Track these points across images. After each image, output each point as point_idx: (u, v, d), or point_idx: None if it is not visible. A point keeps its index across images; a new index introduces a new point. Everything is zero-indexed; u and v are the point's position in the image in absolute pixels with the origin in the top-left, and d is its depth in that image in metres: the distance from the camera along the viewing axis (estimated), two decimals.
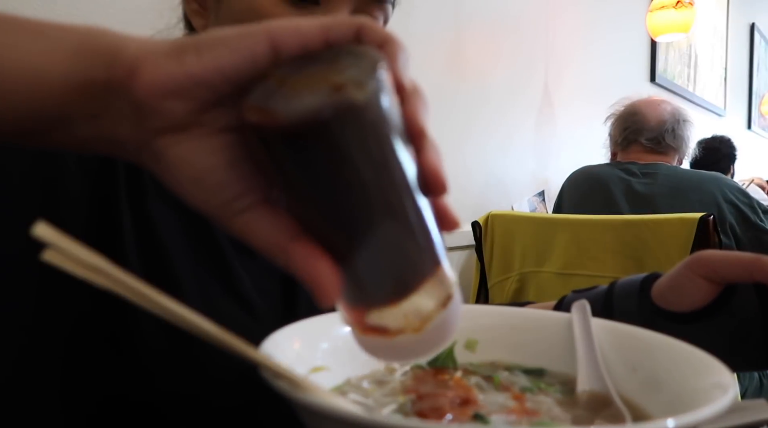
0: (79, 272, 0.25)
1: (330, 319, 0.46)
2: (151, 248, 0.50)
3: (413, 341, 0.31)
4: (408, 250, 0.29)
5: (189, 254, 0.52)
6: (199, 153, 0.28)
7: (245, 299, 0.55)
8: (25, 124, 0.28)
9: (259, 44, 0.27)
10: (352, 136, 0.26)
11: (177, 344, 0.48)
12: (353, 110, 0.25)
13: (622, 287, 0.57)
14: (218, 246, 0.55)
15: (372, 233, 0.28)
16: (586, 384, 0.43)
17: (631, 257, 1.44)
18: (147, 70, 0.27)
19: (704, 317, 0.51)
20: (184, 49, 0.27)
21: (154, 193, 0.51)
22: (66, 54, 0.27)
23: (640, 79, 3.42)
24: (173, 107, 0.27)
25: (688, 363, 0.40)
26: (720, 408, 0.30)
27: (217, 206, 0.29)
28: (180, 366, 0.49)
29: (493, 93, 2.06)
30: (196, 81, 0.27)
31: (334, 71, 0.27)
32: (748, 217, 1.65)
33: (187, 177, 0.29)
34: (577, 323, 0.48)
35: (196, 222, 0.54)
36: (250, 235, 0.29)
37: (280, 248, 0.28)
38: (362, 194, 0.27)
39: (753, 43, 5.57)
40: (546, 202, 2.30)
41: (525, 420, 0.37)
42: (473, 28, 1.94)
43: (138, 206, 0.50)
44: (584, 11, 2.70)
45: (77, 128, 0.28)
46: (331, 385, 0.42)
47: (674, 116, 1.84)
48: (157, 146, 0.28)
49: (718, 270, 0.50)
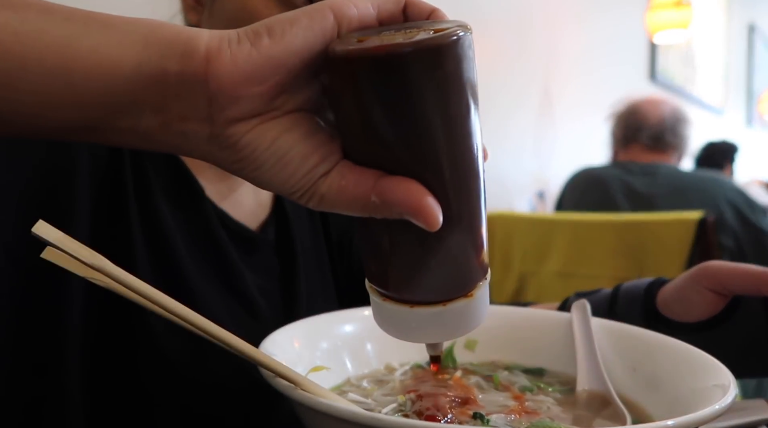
0: (80, 272, 0.25)
1: (330, 319, 0.47)
2: (158, 245, 0.50)
3: (465, 307, 0.31)
4: (474, 201, 0.29)
5: (192, 252, 0.53)
6: (275, 135, 0.28)
7: (246, 297, 0.55)
8: (94, 112, 0.28)
9: (327, 20, 0.28)
10: (450, 76, 0.26)
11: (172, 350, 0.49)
12: (459, 47, 0.26)
13: (626, 293, 0.57)
14: (219, 245, 0.55)
15: (443, 174, 0.28)
16: (586, 384, 0.43)
17: (630, 257, 1.44)
18: (224, 58, 0.27)
19: (709, 328, 0.51)
20: (258, 34, 0.27)
21: (160, 190, 0.52)
22: (136, 46, 0.28)
23: (640, 78, 3.42)
24: (251, 93, 0.27)
25: (688, 363, 0.40)
26: (720, 408, 0.30)
27: (301, 178, 0.29)
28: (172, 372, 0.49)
29: (493, 93, 2.06)
30: (274, 64, 0.27)
31: (416, 31, 0.27)
32: (747, 217, 1.65)
33: (268, 159, 0.29)
34: (576, 322, 0.48)
35: (196, 220, 0.54)
36: (338, 193, 0.29)
37: (369, 192, 0.28)
38: (442, 140, 0.27)
39: (752, 43, 5.57)
40: (546, 202, 2.30)
41: (525, 420, 0.37)
42: (473, 27, 1.94)
43: (145, 202, 0.50)
44: (584, 11, 2.70)
45: (145, 119, 0.28)
46: (330, 384, 0.42)
47: (674, 115, 1.84)
48: (230, 134, 0.28)
49: (725, 283, 0.50)
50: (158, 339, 0.48)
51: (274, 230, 0.63)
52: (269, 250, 0.61)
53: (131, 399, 0.48)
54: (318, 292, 0.64)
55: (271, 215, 0.63)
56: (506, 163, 2.19)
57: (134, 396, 0.48)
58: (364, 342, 0.46)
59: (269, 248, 0.61)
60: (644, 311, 0.53)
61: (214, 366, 0.50)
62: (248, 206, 0.62)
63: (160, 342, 0.48)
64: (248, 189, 0.62)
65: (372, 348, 0.47)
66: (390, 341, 0.48)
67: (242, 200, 0.61)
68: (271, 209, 0.64)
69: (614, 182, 1.76)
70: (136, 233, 0.49)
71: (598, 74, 2.84)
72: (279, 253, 0.62)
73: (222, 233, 0.55)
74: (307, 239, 0.66)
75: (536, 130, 2.39)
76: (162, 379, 0.48)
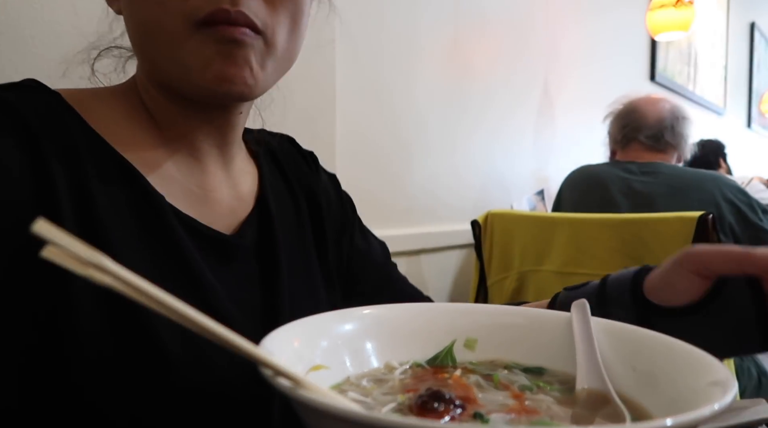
0: (79, 270, 0.25)
1: (330, 318, 0.47)
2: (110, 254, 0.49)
3: None
4: None
5: (152, 268, 0.49)
6: None
7: (219, 312, 0.51)
8: None
9: None
10: None
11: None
12: None
13: (614, 283, 0.58)
14: (185, 259, 0.52)
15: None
16: (585, 383, 0.43)
17: (630, 256, 1.44)
18: None
19: (697, 311, 0.52)
20: None
21: (110, 206, 0.49)
22: None
23: (640, 77, 3.42)
24: None
25: (688, 362, 0.40)
26: (719, 407, 0.30)
27: None
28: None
29: (493, 92, 2.06)
30: None
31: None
32: (747, 216, 1.65)
33: None
34: (576, 322, 0.48)
35: (158, 234, 0.51)
36: None
37: None
38: None
39: (753, 42, 5.57)
40: (545, 201, 2.30)
41: (524, 419, 0.37)
42: (474, 27, 1.94)
43: (90, 224, 0.48)
44: (584, 10, 2.70)
45: None
46: (330, 383, 0.42)
47: (673, 114, 1.84)
48: None
49: (708, 265, 0.51)
50: (159, 338, 0.48)
51: (256, 230, 0.61)
52: (248, 255, 0.59)
53: (131, 399, 0.48)
54: (303, 296, 0.62)
55: (253, 213, 0.62)
56: (506, 162, 2.19)
57: (134, 395, 0.48)
58: (364, 341, 0.47)
59: (248, 252, 0.59)
60: (633, 299, 0.55)
61: (215, 365, 0.50)
62: (226, 205, 0.60)
63: (161, 340, 0.48)
64: (225, 184, 0.61)
65: (372, 347, 0.47)
66: (390, 340, 0.48)
67: (217, 199, 0.59)
68: (253, 205, 0.63)
69: (614, 181, 1.76)
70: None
71: (598, 74, 2.84)
72: (260, 257, 0.60)
73: (188, 244, 0.53)
74: (292, 238, 0.64)
75: (536, 129, 2.39)
76: (163, 378, 0.48)
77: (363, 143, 1.52)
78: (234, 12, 0.50)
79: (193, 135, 0.59)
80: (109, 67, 0.67)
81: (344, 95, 1.43)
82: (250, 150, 0.70)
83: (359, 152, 1.51)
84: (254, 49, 0.52)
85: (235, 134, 0.63)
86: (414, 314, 0.51)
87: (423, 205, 1.76)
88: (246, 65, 0.52)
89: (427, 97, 1.75)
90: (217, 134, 0.61)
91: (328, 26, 1.35)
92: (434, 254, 1.80)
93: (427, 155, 1.76)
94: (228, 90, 0.52)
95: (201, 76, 0.51)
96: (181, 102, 0.57)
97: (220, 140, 0.61)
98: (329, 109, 1.38)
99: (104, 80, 0.66)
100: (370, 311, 0.49)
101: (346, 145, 1.44)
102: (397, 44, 1.62)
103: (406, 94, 1.67)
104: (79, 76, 0.68)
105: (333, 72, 1.38)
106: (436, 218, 1.82)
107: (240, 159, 0.66)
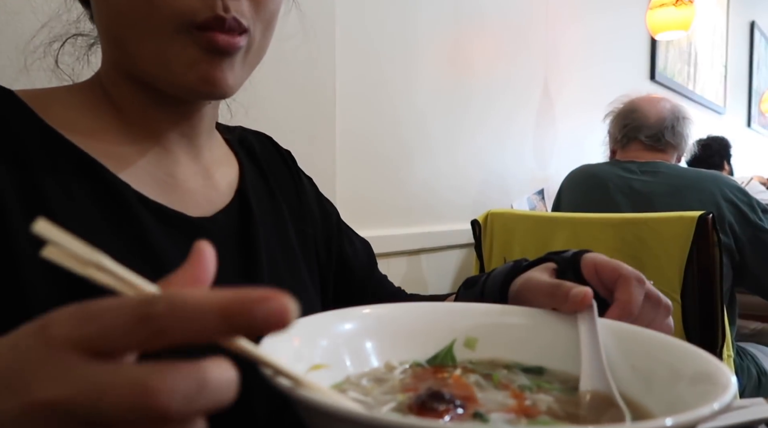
0: (79, 270, 0.25)
1: (330, 317, 0.46)
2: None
3: None
4: None
5: (118, 260, 0.49)
6: None
7: None
8: None
9: None
10: None
11: None
12: None
13: (491, 281, 0.65)
14: (152, 246, 0.52)
15: None
16: (589, 384, 0.43)
17: (630, 256, 1.44)
18: None
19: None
20: None
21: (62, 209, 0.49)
22: None
23: (640, 77, 3.42)
24: None
25: (688, 361, 0.40)
26: (719, 406, 0.30)
27: None
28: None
29: (493, 91, 2.06)
30: None
31: None
32: (747, 216, 1.65)
33: None
34: (582, 322, 0.48)
35: (122, 222, 0.51)
36: None
37: None
38: None
39: (753, 41, 5.56)
40: (545, 200, 2.30)
41: (524, 419, 0.37)
42: (474, 26, 1.94)
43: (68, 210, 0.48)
44: (584, 9, 2.70)
45: None
46: (330, 383, 0.42)
47: (674, 113, 1.83)
48: None
49: (533, 303, 0.54)
50: None
51: (236, 221, 0.60)
52: (224, 243, 0.57)
53: None
54: (288, 292, 0.62)
55: (232, 204, 0.61)
56: (506, 161, 2.19)
57: None
58: (364, 340, 0.47)
59: (223, 240, 0.57)
60: (501, 299, 0.61)
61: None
62: (201, 194, 0.60)
63: None
64: (198, 174, 0.60)
65: (372, 347, 0.47)
66: (390, 339, 0.48)
67: (191, 188, 0.59)
68: (232, 197, 0.62)
69: (614, 180, 1.76)
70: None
71: (598, 73, 2.84)
72: (240, 247, 0.59)
73: (156, 230, 0.53)
74: (274, 235, 0.64)
75: (536, 128, 2.39)
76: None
77: (363, 143, 1.52)
78: (229, 20, 0.50)
79: (161, 125, 0.59)
80: (72, 57, 0.66)
81: (344, 95, 1.43)
82: (231, 146, 0.70)
83: (359, 152, 1.51)
84: (239, 53, 0.53)
85: (204, 124, 0.62)
86: (414, 313, 0.51)
87: (423, 205, 1.76)
88: (230, 69, 0.52)
89: (427, 97, 1.75)
90: (186, 124, 0.60)
91: (329, 26, 1.35)
92: (434, 253, 1.80)
93: (427, 154, 1.76)
94: (210, 91, 0.52)
95: (183, 76, 0.51)
96: (151, 94, 0.56)
97: (189, 130, 0.61)
98: (329, 109, 1.38)
99: (67, 71, 0.65)
100: (371, 311, 0.49)
101: (346, 145, 1.44)
102: (397, 44, 1.62)
103: (406, 94, 1.67)
104: (40, 67, 0.67)
105: (333, 72, 1.38)
106: (436, 218, 1.82)
107: (214, 150, 0.66)
